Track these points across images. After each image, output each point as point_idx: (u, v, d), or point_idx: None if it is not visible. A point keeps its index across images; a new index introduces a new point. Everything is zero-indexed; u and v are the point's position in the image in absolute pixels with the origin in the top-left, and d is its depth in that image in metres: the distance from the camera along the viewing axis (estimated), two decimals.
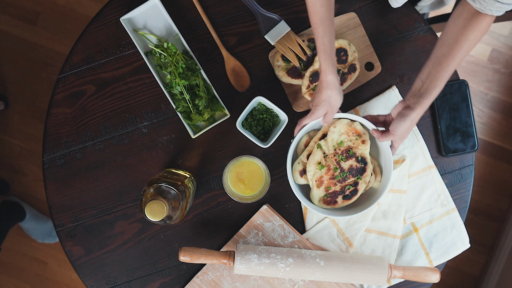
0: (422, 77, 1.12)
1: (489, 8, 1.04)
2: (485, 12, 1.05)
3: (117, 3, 1.30)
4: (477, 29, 1.08)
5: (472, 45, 1.10)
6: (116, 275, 1.31)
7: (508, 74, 2.19)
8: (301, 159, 1.22)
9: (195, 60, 1.27)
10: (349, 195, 1.23)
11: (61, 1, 2.18)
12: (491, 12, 1.05)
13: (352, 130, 1.20)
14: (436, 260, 1.31)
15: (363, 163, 1.22)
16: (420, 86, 1.12)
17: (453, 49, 1.09)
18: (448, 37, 1.10)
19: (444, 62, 1.10)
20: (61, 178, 1.30)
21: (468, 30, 1.08)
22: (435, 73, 1.10)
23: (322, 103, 1.16)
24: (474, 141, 1.30)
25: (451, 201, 1.31)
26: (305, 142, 1.24)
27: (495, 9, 1.04)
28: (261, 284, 1.28)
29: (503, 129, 2.19)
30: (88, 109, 1.30)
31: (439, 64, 1.10)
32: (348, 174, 1.21)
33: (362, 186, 1.23)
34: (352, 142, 1.20)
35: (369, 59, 1.30)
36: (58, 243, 2.20)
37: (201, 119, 1.25)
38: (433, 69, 1.11)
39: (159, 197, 1.08)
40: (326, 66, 1.13)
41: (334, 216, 1.23)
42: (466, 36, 1.08)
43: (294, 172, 1.23)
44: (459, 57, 1.10)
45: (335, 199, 1.23)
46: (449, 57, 1.09)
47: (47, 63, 2.19)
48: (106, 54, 1.30)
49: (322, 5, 1.09)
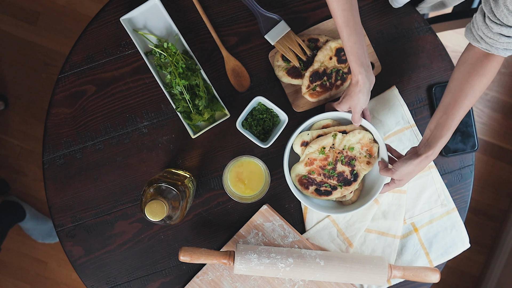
0: (430, 127, 1.11)
1: (496, 46, 1.00)
2: (492, 51, 1.01)
3: (117, 3, 1.29)
4: (482, 73, 1.05)
5: (478, 92, 1.07)
6: (116, 275, 1.31)
7: (508, 74, 2.19)
8: (312, 133, 1.23)
9: (195, 60, 1.27)
10: (321, 191, 1.25)
11: (61, 1, 2.18)
12: (498, 52, 1.01)
13: (368, 147, 1.22)
14: (436, 260, 1.31)
15: (354, 179, 1.24)
16: (428, 135, 1.11)
17: (458, 98, 1.07)
18: (454, 85, 1.08)
19: (450, 111, 1.08)
20: (61, 178, 1.30)
21: (473, 77, 1.06)
22: (442, 122, 1.09)
23: (349, 99, 1.17)
24: (474, 141, 1.30)
25: (451, 201, 1.31)
26: (325, 124, 1.25)
27: (502, 46, 1.00)
28: (261, 284, 1.29)
29: (503, 129, 2.19)
30: (88, 109, 1.30)
31: (445, 113, 1.09)
32: (335, 176, 1.23)
33: (337, 194, 1.25)
34: (360, 155, 1.22)
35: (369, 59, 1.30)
36: (58, 243, 2.20)
37: (201, 119, 1.25)
38: (440, 118, 1.09)
39: (159, 197, 1.08)
40: (354, 67, 1.13)
41: (332, 214, 1.23)
42: (471, 83, 1.06)
43: (298, 138, 1.23)
44: (466, 105, 1.08)
45: (309, 186, 1.24)
46: (454, 105, 1.08)
47: (47, 63, 2.19)
48: (106, 54, 1.30)
49: (344, 8, 1.09)
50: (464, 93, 1.07)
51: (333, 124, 1.25)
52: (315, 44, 1.27)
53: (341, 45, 1.26)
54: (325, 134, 1.23)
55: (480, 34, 1.01)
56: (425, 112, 1.31)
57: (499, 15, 0.94)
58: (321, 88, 1.27)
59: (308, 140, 1.23)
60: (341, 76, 1.27)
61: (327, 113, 1.22)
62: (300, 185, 1.25)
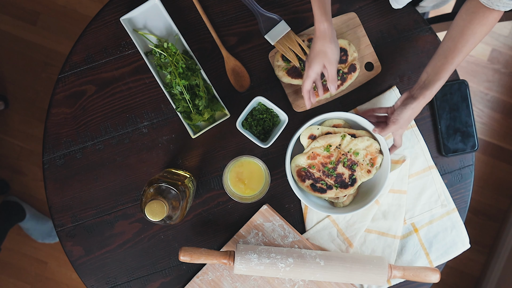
0: (427, 70, 1.13)
1: (496, 3, 1.04)
2: (492, 7, 1.05)
3: (117, 3, 1.30)
4: (484, 23, 1.08)
5: (478, 39, 1.10)
6: (116, 275, 1.31)
7: (508, 74, 2.19)
8: (322, 129, 1.23)
9: (195, 60, 1.27)
10: (316, 187, 1.25)
11: (61, 1, 2.18)
12: (498, 8, 1.05)
13: (373, 156, 1.23)
14: (436, 260, 1.31)
15: (351, 183, 1.24)
16: (425, 77, 1.13)
17: (458, 43, 1.09)
18: (455, 31, 1.10)
19: (450, 55, 1.10)
20: (61, 178, 1.30)
21: (475, 25, 1.08)
22: (440, 65, 1.11)
23: (317, 56, 1.14)
24: (474, 141, 1.30)
25: (451, 201, 1.31)
26: (336, 123, 1.25)
27: (502, 4, 1.04)
28: (261, 284, 1.28)
29: (503, 129, 2.19)
30: (88, 109, 1.30)
31: (444, 57, 1.11)
32: (333, 176, 1.23)
33: (331, 194, 1.25)
34: (362, 162, 1.23)
35: (369, 59, 1.30)
36: (58, 243, 2.20)
37: (201, 119, 1.25)
38: (438, 62, 1.11)
39: (159, 197, 1.08)
40: (320, 14, 1.11)
41: (332, 214, 1.23)
42: (473, 30, 1.08)
43: (307, 130, 1.23)
44: (465, 51, 1.10)
45: (305, 179, 1.25)
46: (454, 50, 1.10)
47: (47, 63, 2.19)
48: (106, 54, 1.30)
49: None
50: (465, 39, 1.09)
51: (344, 126, 1.25)
52: None
53: (341, 45, 1.26)
54: (335, 133, 1.23)
55: None
56: (425, 112, 1.31)
57: None
58: None
59: (316, 134, 1.23)
60: (341, 76, 1.27)
61: (342, 113, 1.22)
62: (297, 176, 1.25)
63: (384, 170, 1.23)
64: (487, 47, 2.19)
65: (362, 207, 1.22)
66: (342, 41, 1.26)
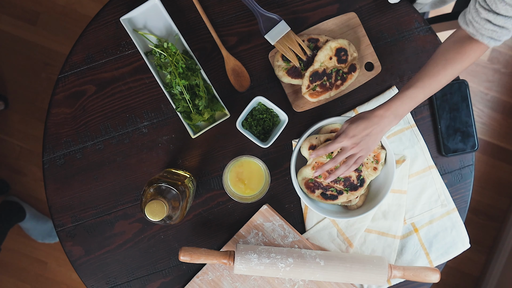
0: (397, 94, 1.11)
1: (481, 32, 1.02)
2: (477, 37, 1.04)
3: (117, 3, 1.30)
4: (463, 52, 1.06)
5: (450, 76, 1.08)
6: (116, 275, 1.31)
7: (508, 74, 2.19)
8: (320, 137, 1.23)
9: (195, 60, 1.27)
10: (327, 195, 1.25)
11: (61, 1, 2.18)
12: (482, 38, 1.03)
13: (375, 153, 1.23)
14: (436, 260, 1.31)
15: (360, 184, 1.24)
16: None
17: (430, 73, 1.08)
18: (432, 60, 1.09)
19: (420, 84, 1.08)
20: (61, 178, 1.30)
21: (452, 54, 1.07)
22: (405, 89, 1.09)
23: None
24: (474, 141, 1.30)
25: (451, 201, 1.31)
26: (334, 128, 1.25)
27: (487, 33, 1.02)
28: (261, 284, 1.29)
29: (503, 129, 2.19)
30: (88, 109, 1.30)
31: (415, 82, 1.09)
32: (341, 181, 1.23)
33: (343, 199, 1.25)
34: (367, 161, 1.23)
35: (369, 59, 1.30)
36: (58, 243, 2.20)
37: (201, 119, 1.25)
38: (409, 83, 1.09)
39: (159, 197, 1.08)
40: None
41: (334, 217, 1.23)
42: (448, 64, 1.07)
43: (305, 142, 1.23)
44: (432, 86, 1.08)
45: (315, 190, 1.25)
46: (423, 78, 1.08)
47: (47, 63, 2.19)
48: (106, 54, 1.30)
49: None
50: (437, 69, 1.08)
51: None
52: (315, 44, 1.27)
53: (341, 45, 1.26)
54: None
55: (470, 17, 1.03)
56: (425, 112, 1.31)
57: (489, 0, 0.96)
58: (321, 88, 1.27)
59: (316, 144, 1.23)
60: (341, 76, 1.27)
61: (336, 118, 1.22)
62: (306, 189, 1.25)
63: (390, 164, 1.23)
64: None
65: (377, 204, 1.22)
66: (342, 41, 1.26)
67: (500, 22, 0.99)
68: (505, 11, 0.97)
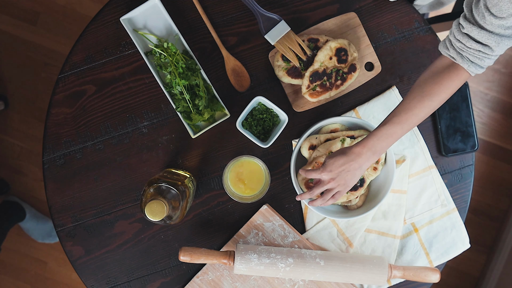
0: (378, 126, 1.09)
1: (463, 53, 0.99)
2: (457, 61, 1.01)
3: (117, 3, 1.30)
4: (441, 83, 1.03)
5: (426, 111, 1.05)
6: (116, 275, 1.31)
7: (508, 74, 2.19)
8: (320, 137, 1.23)
9: (195, 60, 1.27)
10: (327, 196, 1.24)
11: (61, 1, 2.18)
12: (463, 63, 1.00)
13: None
14: (436, 260, 1.31)
15: (360, 184, 1.24)
16: None
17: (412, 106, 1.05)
18: (410, 94, 1.06)
19: (396, 119, 1.06)
20: (61, 178, 1.30)
21: (430, 86, 1.04)
22: (384, 125, 1.07)
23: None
24: (474, 141, 1.30)
25: (451, 201, 1.31)
26: (334, 128, 1.25)
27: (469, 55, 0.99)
28: (261, 284, 1.28)
29: (503, 129, 2.19)
30: (88, 109, 1.30)
31: (392, 117, 1.07)
32: None
33: (343, 199, 1.25)
34: None
35: (369, 59, 1.30)
36: (58, 243, 2.20)
37: (201, 119, 1.25)
38: (387, 118, 1.08)
39: (159, 197, 1.08)
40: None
41: (334, 217, 1.23)
42: (424, 98, 1.04)
43: (305, 142, 1.23)
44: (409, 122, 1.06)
45: None
46: (399, 114, 1.06)
47: (47, 63, 2.19)
48: (106, 54, 1.30)
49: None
50: (413, 104, 1.05)
51: (341, 129, 1.25)
52: (315, 44, 1.27)
53: (341, 45, 1.26)
54: (333, 138, 1.23)
55: (451, 37, 1.00)
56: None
57: (476, 12, 0.94)
58: (321, 88, 1.27)
59: (316, 144, 1.23)
60: (341, 76, 1.27)
61: (336, 118, 1.22)
62: (306, 189, 1.25)
63: (390, 164, 1.23)
64: None
65: (377, 204, 1.22)
66: (342, 41, 1.26)
67: (483, 38, 0.95)
68: (490, 24, 0.93)
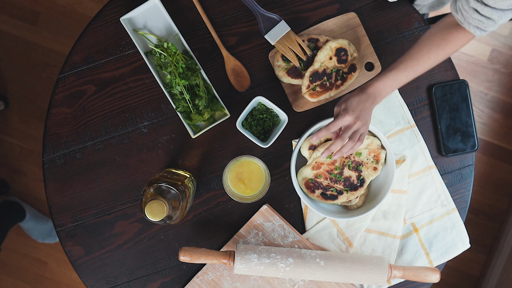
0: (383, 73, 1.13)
1: (469, 20, 1.05)
2: (464, 25, 1.06)
3: (117, 3, 1.30)
4: (447, 39, 1.09)
5: (441, 57, 1.11)
6: (116, 275, 1.31)
7: (508, 74, 2.19)
8: None
9: (195, 60, 1.27)
10: (327, 195, 1.25)
11: (61, 1, 2.18)
12: (469, 27, 1.06)
13: (376, 153, 1.23)
14: (436, 260, 1.31)
15: (360, 184, 1.24)
16: None
17: (422, 57, 1.11)
18: (424, 42, 1.12)
19: (403, 66, 1.11)
20: (61, 178, 1.30)
21: (437, 41, 1.10)
22: (392, 69, 1.11)
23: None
24: (474, 141, 1.30)
25: (451, 201, 1.31)
26: None
27: (473, 22, 1.04)
28: (261, 284, 1.29)
29: (503, 129, 2.19)
30: (88, 109, 1.30)
31: (399, 64, 1.12)
32: (341, 181, 1.23)
33: (343, 198, 1.25)
34: (367, 161, 1.23)
35: (369, 59, 1.30)
36: (58, 243, 2.20)
37: (201, 119, 1.25)
38: (394, 64, 1.12)
39: (159, 197, 1.08)
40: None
41: (334, 217, 1.23)
42: (432, 47, 1.10)
43: (305, 142, 1.23)
44: (425, 65, 1.11)
45: (315, 190, 1.25)
46: (407, 61, 1.11)
47: (47, 63, 2.19)
48: (106, 54, 1.30)
49: None
50: (421, 53, 1.11)
51: None
52: (315, 44, 1.27)
53: (341, 45, 1.26)
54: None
55: (460, 5, 1.06)
56: (425, 112, 1.31)
57: None
58: (321, 88, 1.27)
59: (316, 144, 1.23)
60: (341, 76, 1.27)
61: None
62: (306, 189, 1.25)
63: (390, 164, 1.23)
64: (487, 47, 2.19)
65: (377, 204, 1.22)
66: (342, 41, 1.26)
67: (487, 13, 1.01)
68: (493, 2, 0.99)
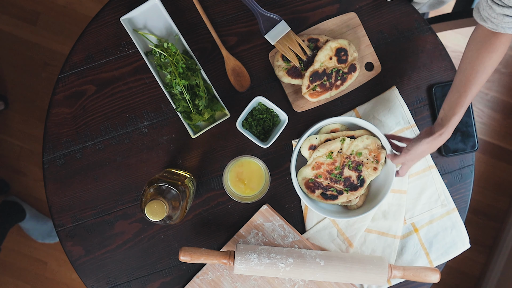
0: (444, 106, 1.12)
1: (502, 25, 1.02)
2: (498, 30, 1.03)
3: (117, 3, 1.30)
4: (491, 49, 1.06)
5: (490, 68, 1.08)
6: (116, 275, 1.31)
7: (508, 74, 2.19)
8: (320, 137, 1.23)
9: (195, 60, 1.27)
10: (327, 195, 1.25)
11: (61, 1, 2.18)
12: (504, 30, 1.03)
13: (376, 153, 1.23)
14: (436, 260, 1.31)
15: (360, 184, 1.24)
16: (442, 115, 1.12)
17: (470, 76, 1.08)
18: (464, 64, 1.09)
19: (462, 89, 1.09)
20: (61, 178, 1.30)
21: (483, 53, 1.06)
22: (455, 100, 1.10)
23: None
24: (474, 141, 1.30)
25: (451, 201, 1.31)
26: (334, 128, 1.25)
27: (507, 25, 1.02)
28: (261, 284, 1.29)
29: (503, 129, 2.19)
30: (88, 109, 1.30)
31: (457, 92, 1.09)
32: (341, 181, 1.23)
33: (343, 198, 1.25)
34: (367, 161, 1.23)
35: (369, 59, 1.30)
36: (58, 243, 2.20)
37: (201, 119, 1.25)
38: (452, 97, 1.10)
39: (159, 197, 1.08)
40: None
41: (334, 217, 1.23)
42: (481, 60, 1.07)
43: (305, 142, 1.23)
44: (477, 83, 1.08)
45: (315, 190, 1.25)
46: (466, 83, 1.08)
47: (47, 63, 2.19)
48: (106, 54, 1.30)
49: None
50: (475, 70, 1.07)
51: (341, 129, 1.25)
52: (315, 44, 1.27)
53: (341, 45, 1.26)
54: (333, 138, 1.23)
55: (486, 14, 1.03)
56: (425, 112, 1.31)
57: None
58: (321, 88, 1.27)
59: (316, 144, 1.23)
60: (341, 76, 1.27)
61: (336, 118, 1.22)
62: (306, 189, 1.25)
63: (390, 164, 1.23)
64: None
65: (377, 204, 1.22)
66: (342, 41, 1.26)
67: None
68: None
